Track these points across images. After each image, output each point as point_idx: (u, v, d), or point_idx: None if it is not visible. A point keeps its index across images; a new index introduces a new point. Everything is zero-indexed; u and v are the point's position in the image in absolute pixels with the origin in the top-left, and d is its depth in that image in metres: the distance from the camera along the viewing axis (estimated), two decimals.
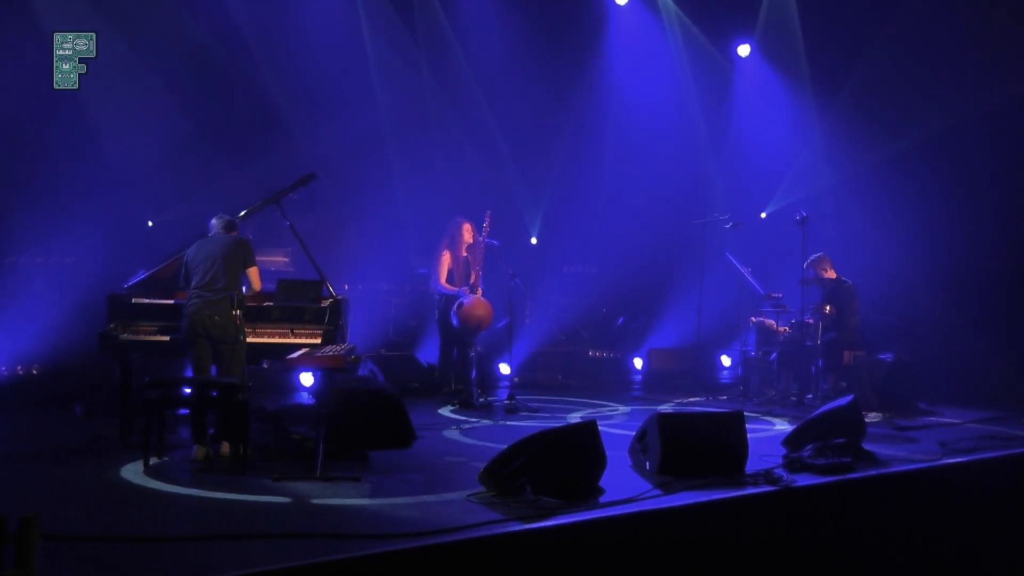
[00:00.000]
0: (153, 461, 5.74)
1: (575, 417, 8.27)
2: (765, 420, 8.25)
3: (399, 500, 5.06)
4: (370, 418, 6.15)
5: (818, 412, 6.61)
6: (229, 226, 6.59)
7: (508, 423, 7.89)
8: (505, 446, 5.30)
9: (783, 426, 7.74)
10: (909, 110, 11.50)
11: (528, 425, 7.63)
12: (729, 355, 11.81)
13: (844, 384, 8.97)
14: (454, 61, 12.27)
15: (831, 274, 9.37)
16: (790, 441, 6.33)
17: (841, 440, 5.98)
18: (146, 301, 6.78)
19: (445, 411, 8.46)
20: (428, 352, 10.33)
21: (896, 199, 11.28)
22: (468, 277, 8.93)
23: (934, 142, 11.41)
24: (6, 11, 9.39)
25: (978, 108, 10.98)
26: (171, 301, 6.76)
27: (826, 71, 12.35)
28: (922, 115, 11.40)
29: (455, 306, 8.75)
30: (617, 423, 7.88)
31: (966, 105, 11.04)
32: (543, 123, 12.58)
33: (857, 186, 11.92)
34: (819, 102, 12.53)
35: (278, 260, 9.92)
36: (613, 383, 11.25)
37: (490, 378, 10.21)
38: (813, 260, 9.32)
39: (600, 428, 5.43)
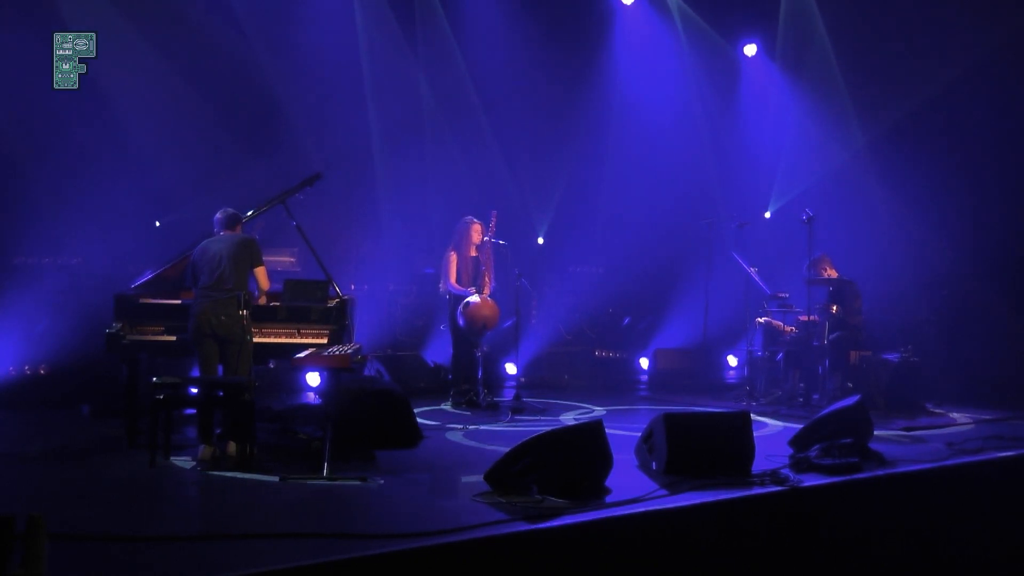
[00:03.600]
0: (159, 461, 5.76)
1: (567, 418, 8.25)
2: (771, 420, 8.23)
3: (405, 500, 5.06)
4: (376, 418, 6.16)
5: (825, 412, 6.60)
6: (232, 219, 6.58)
7: (499, 425, 7.83)
8: (508, 447, 5.30)
9: (790, 426, 7.71)
10: (909, 88, 11.48)
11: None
12: (735, 355, 11.78)
13: (850, 384, 8.95)
14: (460, 61, 12.26)
15: (832, 273, 9.35)
16: (797, 441, 6.32)
17: (848, 440, 5.96)
18: (153, 301, 6.78)
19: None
20: (434, 352, 10.32)
21: (901, 198, 11.25)
22: (476, 277, 8.91)
23: (934, 134, 11.39)
24: (11, 6, 9.40)
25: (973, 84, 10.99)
26: (178, 301, 6.76)
27: (845, 60, 12.30)
28: (921, 92, 11.39)
29: (461, 306, 8.73)
30: None
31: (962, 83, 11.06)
32: (549, 123, 12.56)
33: (860, 184, 11.89)
34: (822, 93, 12.51)
35: (284, 260, 9.91)
36: (619, 383, 11.21)
37: (496, 378, 10.19)
38: (814, 261, 9.30)
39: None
